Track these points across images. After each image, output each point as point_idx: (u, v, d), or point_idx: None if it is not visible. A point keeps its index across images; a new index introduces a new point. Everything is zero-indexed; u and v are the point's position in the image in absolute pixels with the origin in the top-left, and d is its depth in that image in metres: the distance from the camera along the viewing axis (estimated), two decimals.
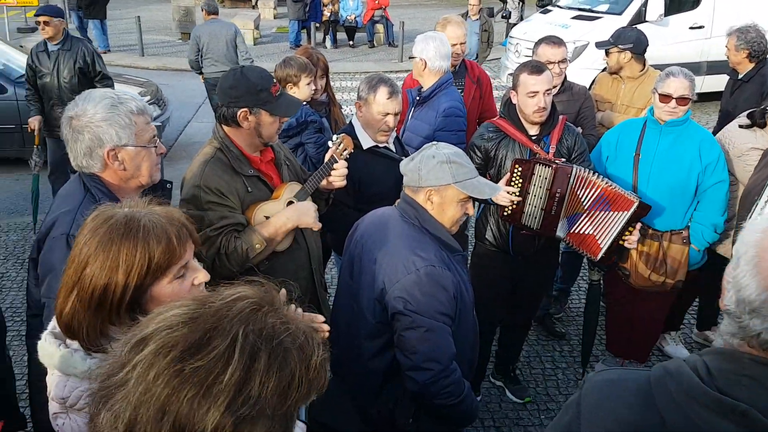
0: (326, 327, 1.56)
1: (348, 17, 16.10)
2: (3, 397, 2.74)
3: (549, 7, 11.98)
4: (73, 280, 1.40)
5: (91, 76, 5.73)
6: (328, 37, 16.38)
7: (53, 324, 1.52)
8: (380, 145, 3.26)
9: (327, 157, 2.73)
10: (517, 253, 3.40)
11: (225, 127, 2.55)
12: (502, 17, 16.13)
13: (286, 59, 3.72)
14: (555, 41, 4.00)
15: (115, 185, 2.05)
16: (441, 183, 2.22)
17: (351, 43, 16.43)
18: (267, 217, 2.51)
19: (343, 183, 2.75)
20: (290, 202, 2.60)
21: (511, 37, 11.46)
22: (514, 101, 3.25)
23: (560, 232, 3.18)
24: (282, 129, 3.52)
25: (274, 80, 2.56)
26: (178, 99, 10.01)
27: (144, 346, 0.92)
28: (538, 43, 4.07)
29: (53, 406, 1.48)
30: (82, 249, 1.40)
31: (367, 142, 3.24)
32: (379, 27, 16.48)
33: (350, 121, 3.39)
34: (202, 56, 7.74)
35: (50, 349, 1.47)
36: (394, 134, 3.33)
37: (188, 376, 0.87)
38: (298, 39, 16.07)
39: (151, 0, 17.90)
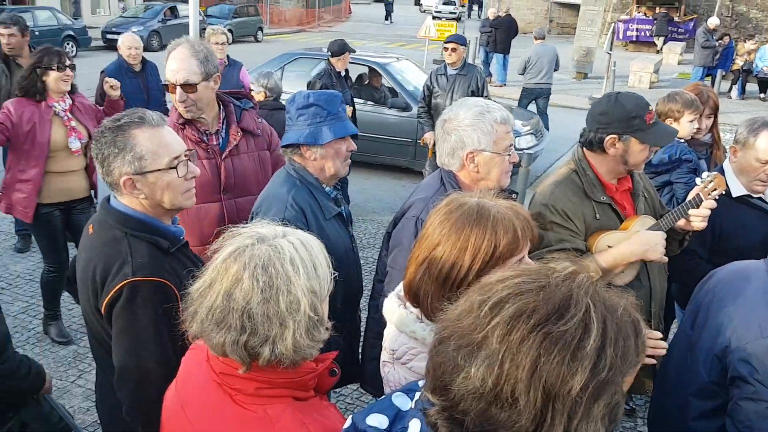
0: (663, 344, 1.58)
1: (764, 68, 14.22)
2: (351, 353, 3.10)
3: None
4: (424, 255, 1.53)
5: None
6: (735, 87, 14.74)
7: (399, 287, 1.71)
8: (753, 195, 2.80)
9: (692, 194, 2.43)
10: None
11: (586, 151, 2.48)
12: None
13: (671, 93, 3.46)
14: None
15: (467, 184, 2.19)
16: None
17: (762, 96, 14.45)
18: (610, 247, 2.35)
19: (703, 225, 2.41)
20: None
21: None
22: None
23: None
24: (651, 164, 3.31)
25: (650, 108, 2.38)
26: (558, 134, 10.19)
27: (500, 309, 0.97)
28: None
29: (384, 355, 1.69)
30: (436, 229, 1.52)
31: (738, 190, 2.84)
32: None
33: (721, 165, 2.99)
34: (525, 70, 10.70)
35: (393, 306, 1.66)
36: None
37: (556, 340, 0.92)
38: None
39: (554, 41, 18.77)
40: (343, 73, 6.39)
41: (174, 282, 1.75)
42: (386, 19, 39.72)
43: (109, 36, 21.48)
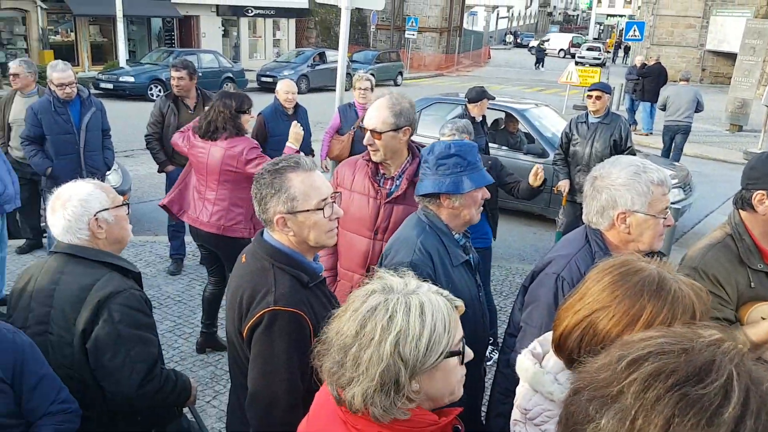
0: None
1: None
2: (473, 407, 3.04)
3: None
4: (586, 313, 1.44)
5: (621, 149, 5.99)
6: None
7: (534, 344, 1.69)
8: None
9: None
10: None
11: (741, 213, 2.33)
12: None
13: None
14: None
15: (614, 244, 2.10)
16: None
17: None
18: (764, 319, 2.15)
19: None
20: None
21: None
22: None
23: None
24: None
25: None
26: (708, 188, 9.53)
27: (639, 366, 0.96)
28: None
29: (515, 413, 1.66)
30: (606, 289, 1.42)
31: None
32: None
33: None
34: (666, 108, 11.79)
35: (527, 364, 1.63)
36: None
37: (693, 402, 0.89)
38: None
39: (707, 89, 17.59)
40: (479, 119, 6.42)
41: (309, 315, 1.87)
42: (536, 65, 39.56)
43: (263, 78, 23.28)
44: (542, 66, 38.76)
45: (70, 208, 2.12)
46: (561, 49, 49.26)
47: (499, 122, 9.15)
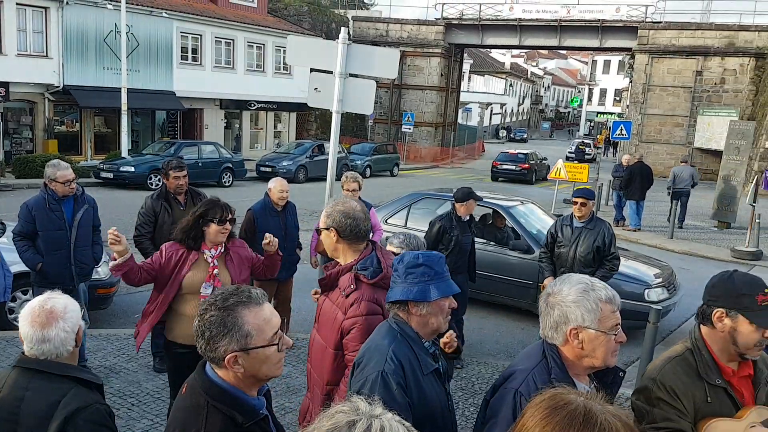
0: None
1: None
2: None
3: None
4: None
5: (604, 254, 6.12)
6: None
7: None
8: None
9: None
10: None
11: (702, 328, 2.41)
12: None
13: None
14: None
15: (570, 360, 2.17)
16: None
17: None
18: None
19: None
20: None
21: None
22: None
23: None
24: None
25: (767, 290, 2.27)
26: (696, 286, 9.57)
27: None
28: None
29: None
30: (537, 425, 1.47)
31: None
32: None
33: None
34: (674, 182, 16.32)
35: None
36: None
37: None
38: None
39: (698, 186, 18.04)
40: (466, 218, 6.58)
41: None
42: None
43: (262, 168, 23.88)
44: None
45: (69, 321, 2.15)
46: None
47: (487, 217, 9.35)
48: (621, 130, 20.46)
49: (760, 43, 29.68)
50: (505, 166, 28.67)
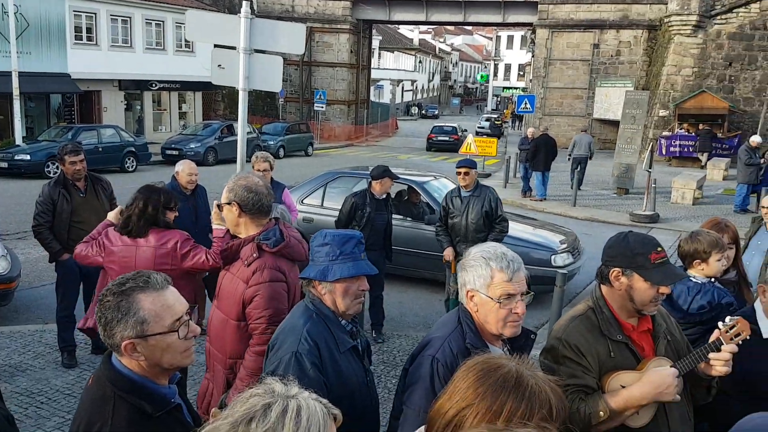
0: None
1: None
2: None
3: None
4: (454, 413, 1.50)
5: (493, 218, 6.44)
6: None
7: None
8: None
9: (712, 337, 2.40)
10: None
11: (602, 287, 2.54)
12: None
13: (693, 234, 3.45)
14: None
15: (480, 325, 2.25)
16: None
17: None
18: (623, 387, 2.32)
19: (726, 370, 2.34)
20: None
21: None
22: None
23: None
24: (690, 313, 3.27)
25: (659, 250, 2.43)
26: (598, 250, 10.11)
27: None
28: None
29: None
30: (470, 387, 1.50)
31: None
32: None
33: (752, 305, 2.93)
34: (572, 149, 18.10)
35: None
36: None
37: None
38: (745, 203, 14.67)
39: (596, 155, 19.07)
40: (382, 196, 6.61)
41: None
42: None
43: (168, 152, 22.96)
44: None
45: None
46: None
47: (402, 194, 9.46)
48: (525, 104, 21.18)
49: (651, 15, 31.27)
50: (439, 138, 33.36)
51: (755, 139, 15.24)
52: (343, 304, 2.43)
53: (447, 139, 33.18)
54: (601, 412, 2.24)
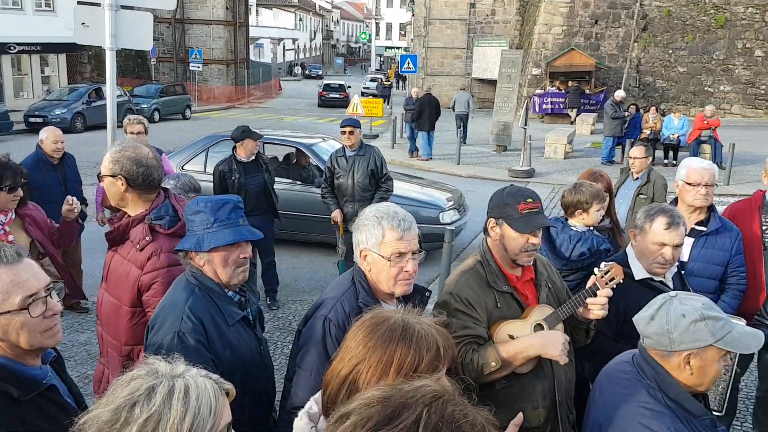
0: (520, 418, 1.53)
1: (670, 135, 15.31)
2: None
3: None
4: (347, 371, 1.52)
5: (378, 177, 6.52)
6: None
7: (311, 404, 1.68)
8: (655, 278, 2.96)
9: (589, 283, 2.57)
10: None
11: (487, 239, 2.64)
12: None
13: (576, 185, 3.65)
14: None
15: (374, 284, 2.28)
16: (699, 345, 1.90)
17: (669, 161, 15.48)
18: (511, 336, 2.45)
19: (603, 314, 2.52)
20: (539, 325, 2.49)
21: None
22: None
23: None
24: (571, 260, 3.46)
25: (529, 200, 2.53)
26: (482, 206, 10.51)
27: (346, 419, 1.14)
28: None
29: None
30: (360, 344, 1.52)
31: (640, 273, 2.97)
32: (706, 147, 15.23)
33: (625, 250, 3.17)
34: (454, 107, 19.67)
35: (301, 425, 1.65)
36: (674, 269, 3.01)
37: None
38: (611, 155, 15.77)
39: (477, 114, 19.78)
40: (250, 159, 6.27)
41: None
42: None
43: (31, 119, 21.13)
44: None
45: None
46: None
47: (290, 157, 9.29)
48: (408, 63, 21.37)
49: None
50: (330, 95, 35.57)
51: (619, 94, 16.35)
52: (225, 274, 2.29)
53: (337, 96, 35.26)
54: (492, 363, 2.35)
